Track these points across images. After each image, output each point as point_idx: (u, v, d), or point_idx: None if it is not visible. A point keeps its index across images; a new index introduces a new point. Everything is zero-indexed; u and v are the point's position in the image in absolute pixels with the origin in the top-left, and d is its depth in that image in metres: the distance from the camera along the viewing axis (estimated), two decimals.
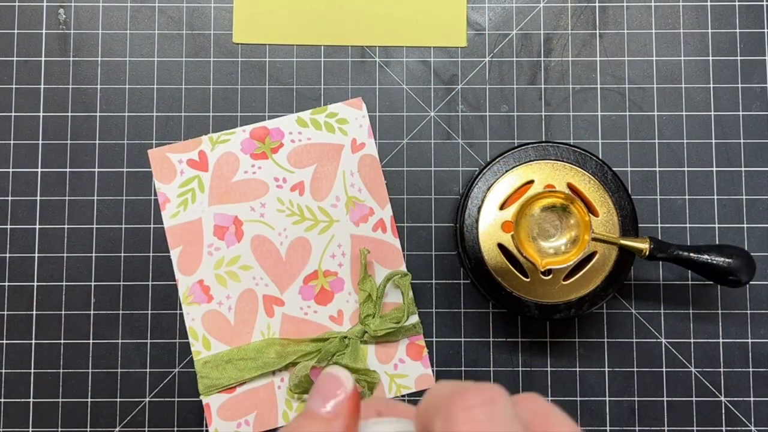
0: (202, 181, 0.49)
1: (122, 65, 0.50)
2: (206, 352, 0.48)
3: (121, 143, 0.50)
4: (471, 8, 0.51)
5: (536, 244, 0.44)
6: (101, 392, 0.48)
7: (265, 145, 0.50)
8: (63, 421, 0.48)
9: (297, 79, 0.50)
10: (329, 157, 0.50)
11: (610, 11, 0.51)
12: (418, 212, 0.50)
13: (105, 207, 0.49)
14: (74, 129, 0.50)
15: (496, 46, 0.51)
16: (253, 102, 0.50)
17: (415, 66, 0.51)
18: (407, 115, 0.50)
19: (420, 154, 0.50)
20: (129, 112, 0.50)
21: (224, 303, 0.49)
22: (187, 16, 0.51)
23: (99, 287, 0.49)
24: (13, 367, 0.49)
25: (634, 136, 0.50)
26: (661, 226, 0.50)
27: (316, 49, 0.51)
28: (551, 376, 0.49)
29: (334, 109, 0.50)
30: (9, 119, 0.50)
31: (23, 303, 0.49)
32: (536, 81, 0.51)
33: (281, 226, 0.49)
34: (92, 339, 0.49)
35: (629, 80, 0.51)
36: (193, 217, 0.49)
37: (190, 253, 0.49)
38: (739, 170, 0.50)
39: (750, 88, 0.50)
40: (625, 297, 0.49)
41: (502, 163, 0.45)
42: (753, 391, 0.49)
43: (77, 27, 0.51)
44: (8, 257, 0.49)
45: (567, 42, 0.51)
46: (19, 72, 0.50)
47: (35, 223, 0.49)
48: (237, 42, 0.51)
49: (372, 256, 0.49)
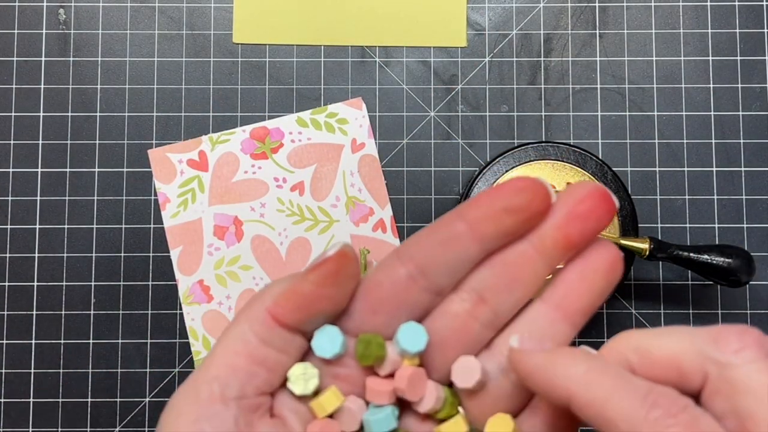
0: (202, 181, 0.49)
1: (122, 65, 0.50)
2: (206, 352, 0.48)
3: (121, 143, 0.50)
4: (471, 8, 0.51)
5: None
6: (101, 392, 0.48)
7: (265, 145, 0.50)
8: (63, 422, 0.48)
9: (297, 79, 0.50)
10: (329, 157, 0.50)
11: (610, 11, 0.51)
12: (418, 212, 0.50)
13: (105, 207, 0.50)
14: (74, 129, 0.50)
15: (496, 46, 0.51)
16: (253, 102, 0.50)
17: (415, 66, 0.51)
18: (407, 115, 0.50)
19: (420, 154, 0.50)
20: (129, 112, 0.50)
21: (224, 303, 0.49)
22: (187, 16, 0.51)
23: (99, 287, 0.49)
24: (13, 367, 0.49)
25: (634, 136, 0.50)
26: (661, 226, 0.50)
27: (316, 49, 0.51)
28: None
29: (334, 109, 0.50)
30: (9, 119, 0.50)
31: (23, 303, 0.49)
32: (536, 81, 0.51)
33: (281, 226, 0.49)
34: (92, 339, 0.49)
35: (629, 80, 0.51)
36: (193, 217, 0.49)
37: (190, 253, 0.49)
38: (739, 170, 0.50)
39: (750, 88, 0.50)
40: (625, 297, 0.49)
41: (502, 163, 0.45)
42: None
43: (77, 27, 0.51)
44: (8, 257, 0.49)
45: (567, 42, 0.51)
46: (19, 72, 0.50)
47: (35, 224, 0.49)
48: (237, 42, 0.51)
49: (372, 256, 0.49)
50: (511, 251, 0.21)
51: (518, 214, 0.20)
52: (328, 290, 0.21)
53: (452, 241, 0.20)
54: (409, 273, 0.21)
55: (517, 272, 0.21)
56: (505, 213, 0.20)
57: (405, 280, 0.21)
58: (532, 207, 0.20)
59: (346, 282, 0.21)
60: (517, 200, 0.20)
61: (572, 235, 0.20)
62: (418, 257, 0.21)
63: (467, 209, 0.20)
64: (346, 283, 0.21)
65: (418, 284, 0.21)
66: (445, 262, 0.21)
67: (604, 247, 0.21)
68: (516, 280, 0.21)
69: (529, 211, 0.20)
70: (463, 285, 0.21)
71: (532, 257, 0.21)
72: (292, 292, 0.21)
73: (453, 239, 0.20)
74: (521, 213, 0.20)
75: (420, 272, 0.21)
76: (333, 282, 0.21)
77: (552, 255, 0.21)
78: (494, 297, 0.21)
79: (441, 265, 0.21)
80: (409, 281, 0.21)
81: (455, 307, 0.21)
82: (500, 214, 0.20)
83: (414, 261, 0.21)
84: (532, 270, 0.21)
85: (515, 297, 0.21)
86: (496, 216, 0.20)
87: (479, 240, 0.20)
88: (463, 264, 0.21)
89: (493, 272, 0.21)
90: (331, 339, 0.21)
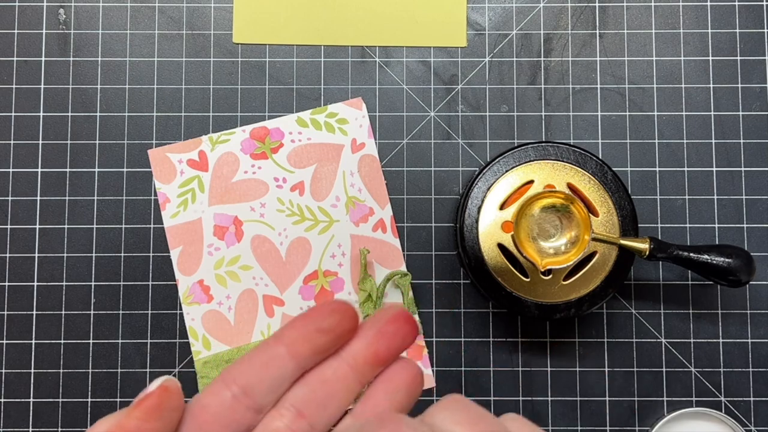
0: (202, 181, 0.49)
1: (122, 65, 0.50)
2: (206, 352, 0.48)
3: (121, 143, 0.50)
4: (471, 8, 0.51)
5: (536, 244, 0.44)
6: (101, 392, 0.48)
7: (265, 145, 0.50)
8: (63, 422, 0.48)
9: (297, 79, 0.50)
10: (329, 157, 0.50)
11: (610, 11, 0.51)
12: (418, 212, 0.50)
13: (105, 207, 0.50)
14: (74, 129, 0.50)
15: (496, 46, 0.51)
16: (253, 102, 0.50)
17: (415, 66, 0.51)
18: (407, 115, 0.50)
19: (420, 154, 0.50)
20: (129, 112, 0.50)
21: (224, 303, 0.49)
22: (187, 16, 0.51)
23: (99, 287, 0.49)
24: (14, 368, 0.49)
25: (634, 136, 0.50)
26: (661, 226, 0.50)
27: (316, 49, 0.51)
28: (551, 376, 0.49)
29: (334, 109, 0.50)
30: (9, 119, 0.50)
31: (23, 303, 0.49)
32: (536, 81, 0.51)
33: (281, 226, 0.49)
34: (92, 339, 0.49)
35: (629, 80, 0.51)
36: (193, 217, 0.49)
37: (190, 253, 0.49)
38: (739, 170, 0.50)
39: (750, 88, 0.50)
40: (625, 297, 0.49)
41: (502, 163, 0.45)
42: (753, 391, 0.49)
43: (77, 27, 0.51)
44: (8, 257, 0.49)
45: (567, 42, 0.51)
46: (19, 72, 0.50)
47: (35, 224, 0.49)
48: (237, 42, 0.51)
49: (372, 256, 0.49)
50: (326, 368, 0.24)
51: (329, 333, 0.23)
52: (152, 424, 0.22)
53: (272, 361, 0.23)
54: (234, 394, 0.23)
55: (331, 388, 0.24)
56: (317, 333, 0.23)
57: (230, 401, 0.23)
58: (342, 326, 0.23)
59: (169, 414, 0.23)
60: (328, 321, 0.23)
61: (380, 352, 0.23)
62: (241, 379, 0.23)
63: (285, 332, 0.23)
64: (168, 415, 0.23)
65: (242, 404, 0.23)
66: (266, 380, 0.23)
67: (405, 365, 0.24)
68: (330, 395, 0.23)
69: (339, 330, 0.23)
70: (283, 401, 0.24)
71: (345, 373, 0.23)
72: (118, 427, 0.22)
73: (272, 360, 0.23)
74: (332, 332, 0.23)
75: (243, 392, 0.23)
76: (156, 416, 0.22)
77: (363, 370, 0.23)
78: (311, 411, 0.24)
79: (263, 383, 0.23)
80: (234, 402, 0.23)
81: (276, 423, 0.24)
82: (313, 334, 0.23)
83: (237, 382, 0.23)
84: (344, 386, 0.24)
85: (330, 411, 0.24)
86: (309, 336, 0.23)
87: (296, 358, 0.23)
88: (282, 382, 0.23)
89: (309, 389, 0.24)
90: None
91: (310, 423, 0.24)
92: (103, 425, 0.23)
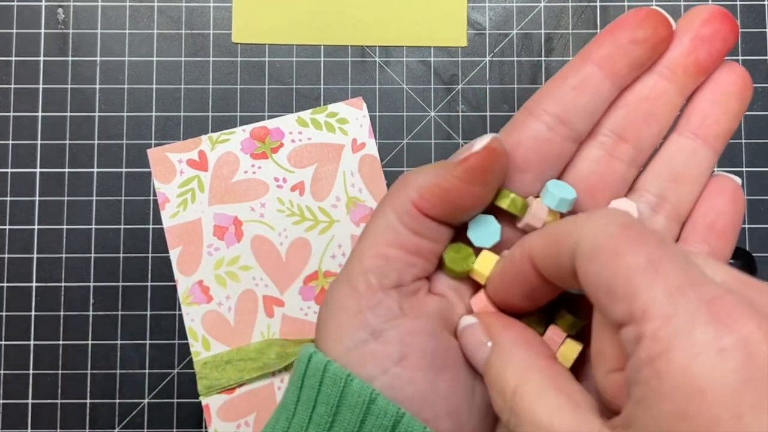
0: (201, 181, 0.49)
1: (121, 65, 0.50)
2: (206, 353, 0.48)
3: (120, 143, 0.50)
4: (471, 8, 0.51)
5: None
6: (100, 393, 0.48)
7: (265, 145, 0.50)
8: (62, 423, 0.48)
9: (297, 79, 0.50)
10: (329, 157, 0.50)
11: (611, 11, 0.51)
12: None
13: (104, 207, 0.49)
14: (73, 129, 0.50)
15: (497, 45, 0.51)
16: (253, 102, 0.50)
17: (415, 66, 0.51)
18: (407, 115, 0.50)
19: (420, 154, 0.50)
20: (128, 112, 0.50)
21: (224, 303, 0.48)
22: (186, 15, 0.51)
23: (98, 288, 0.49)
24: (12, 368, 0.48)
25: None
26: None
27: (316, 49, 0.51)
28: None
29: (335, 108, 0.50)
30: (7, 119, 0.50)
31: (22, 304, 0.49)
32: (537, 81, 0.50)
33: (281, 226, 0.49)
34: (91, 340, 0.49)
35: None
36: (193, 217, 0.49)
37: (190, 254, 0.49)
38: (740, 170, 0.50)
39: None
40: None
41: None
42: None
43: (76, 26, 0.51)
44: (6, 258, 0.49)
45: (568, 42, 0.51)
46: (18, 72, 0.50)
47: (34, 224, 0.49)
48: (236, 42, 0.51)
49: None
50: (641, 86, 0.21)
51: (645, 44, 0.20)
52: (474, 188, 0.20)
53: (584, 83, 0.20)
54: (548, 125, 0.21)
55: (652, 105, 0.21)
56: (632, 45, 0.20)
57: (546, 133, 0.21)
58: (658, 34, 0.20)
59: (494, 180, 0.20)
60: (643, 31, 0.20)
61: (701, 59, 0.20)
62: (552, 107, 0.21)
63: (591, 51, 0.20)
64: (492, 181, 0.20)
65: (558, 134, 0.21)
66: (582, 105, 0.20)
67: (731, 69, 0.21)
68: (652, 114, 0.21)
69: (656, 39, 0.20)
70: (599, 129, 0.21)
71: (664, 88, 0.21)
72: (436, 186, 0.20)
73: (585, 82, 0.20)
74: (647, 42, 0.20)
75: (558, 121, 0.20)
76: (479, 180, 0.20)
77: (683, 83, 0.21)
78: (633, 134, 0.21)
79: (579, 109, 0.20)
80: (550, 133, 0.21)
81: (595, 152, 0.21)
82: (628, 47, 0.20)
83: (548, 111, 0.21)
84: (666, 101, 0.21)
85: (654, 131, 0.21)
86: (624, 49, 0.20)
87: (611, 77, 0.20)
88: (598, 105, 0.21)
89: (627, 110, 0.21)
90: (487, 228, 0.21)
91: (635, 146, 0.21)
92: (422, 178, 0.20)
